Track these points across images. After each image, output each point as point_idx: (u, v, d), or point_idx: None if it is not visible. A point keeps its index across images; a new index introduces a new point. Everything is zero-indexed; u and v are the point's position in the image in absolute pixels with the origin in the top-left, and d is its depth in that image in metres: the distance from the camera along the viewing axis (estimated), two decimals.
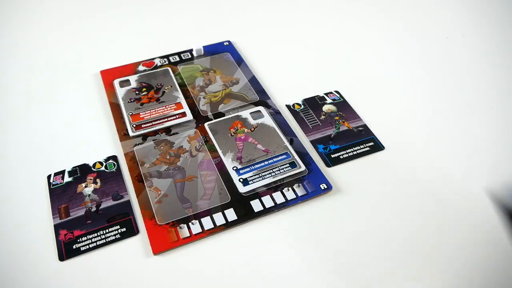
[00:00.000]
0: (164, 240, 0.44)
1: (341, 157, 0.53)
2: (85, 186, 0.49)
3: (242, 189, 0.48)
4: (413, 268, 0.43)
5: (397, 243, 0.45)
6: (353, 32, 0.74)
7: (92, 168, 0.51)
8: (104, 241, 0.44)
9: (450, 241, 0.45)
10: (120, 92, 0.60)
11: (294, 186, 0.49)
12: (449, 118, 0.58)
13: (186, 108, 0.58)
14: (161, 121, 0.56)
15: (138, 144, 0.54)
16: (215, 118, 0.57)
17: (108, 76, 0.63)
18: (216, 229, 0.45)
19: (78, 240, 0.44)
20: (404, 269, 0.43)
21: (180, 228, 0.45)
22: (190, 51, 0.68)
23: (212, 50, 0.68)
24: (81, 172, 0.51)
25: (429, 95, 0.62)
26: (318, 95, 0.61)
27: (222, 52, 0.68)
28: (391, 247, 0.45)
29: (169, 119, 0.56)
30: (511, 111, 0.59)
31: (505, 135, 0.56)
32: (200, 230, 0.45)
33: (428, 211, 0.48)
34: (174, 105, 0.58)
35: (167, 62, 0.66)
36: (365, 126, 0.57)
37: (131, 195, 0.49)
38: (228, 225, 0.46)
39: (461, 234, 0.46)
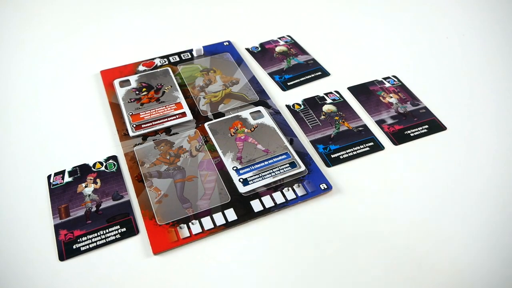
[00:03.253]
0: (164, 240, 0.44)
1: (341, 157, 0.53)
2: (85, 186, 0.49)
3: (242, 189, 0.48)
4: (413, 267, 0.43)
5: (398, 243, 0.45)
6: (351, 32, 0.74)
7: (92, 168, 0.51)
8: (104, 241, 0.44)
9: (451, 240, 0.45)
10: (120, 92, 0.60)
11: (294, 186, 0.49)
12: (449, 118, 0.58)
13: (186, 108, 0.58)
14: (161, 121, 0.56)
15: (138, 144, 0.54)
16: (215, 118, 0.57)
17: (108, 76, 0.63)
18: (216, 229, 0.45)
19: (78, 240, 0.44)
20: (405, 269, 0.43)
21: (180, 228, 0.45)
22: (190, 51, 0.68)
23: (212, 50, 0.68)
24: (81, 172, 0.51)
25: (429, 95, 0.62)
26: (318, 95, 0.61)
27: (222, 52, 0.68)
28: (392, 247, 0.45)
29: (169, 119, 0.56)
30: (511, 111, 0.59)
31: (504, 134, 0.56)
32: (200, 230, 0.45)
33: (429, 210, 0.48)
34: (174, 105, 0.58)
35: (167, 62, 0.66)
36: (365, 126, 0.57)
37: (131, 195, 0.49)
38: (228, 225, 0.46)
39: (464, 232, 0.46)
